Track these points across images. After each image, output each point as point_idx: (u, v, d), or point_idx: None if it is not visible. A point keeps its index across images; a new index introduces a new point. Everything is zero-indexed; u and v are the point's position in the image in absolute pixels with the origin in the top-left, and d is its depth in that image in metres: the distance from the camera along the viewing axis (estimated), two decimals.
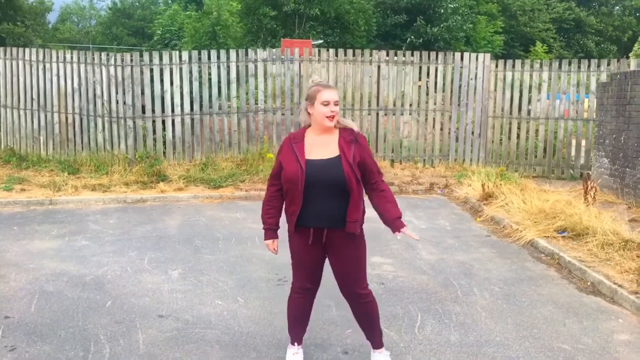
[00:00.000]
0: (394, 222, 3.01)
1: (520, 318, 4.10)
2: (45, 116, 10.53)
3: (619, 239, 5.43)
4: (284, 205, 3.13)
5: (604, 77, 9.98)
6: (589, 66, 10.33)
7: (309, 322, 3.33)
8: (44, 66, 10.47)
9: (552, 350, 3.60)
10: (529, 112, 10.71)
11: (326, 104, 2.97)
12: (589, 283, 4.82)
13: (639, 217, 6.62)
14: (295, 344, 3.32)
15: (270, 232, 3.16)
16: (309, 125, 3.11)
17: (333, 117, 2.98)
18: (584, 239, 5.71)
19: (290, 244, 3.15)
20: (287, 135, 3.18)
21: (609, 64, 10.30)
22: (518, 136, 10.77)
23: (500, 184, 7.83)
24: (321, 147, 3.02)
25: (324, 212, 2.97)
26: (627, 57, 11.48)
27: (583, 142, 10.52)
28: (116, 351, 3.48)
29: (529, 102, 10.70)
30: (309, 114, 3.06)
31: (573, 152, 10.52)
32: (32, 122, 10.64)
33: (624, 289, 4.46)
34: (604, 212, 6.24)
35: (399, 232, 2.99)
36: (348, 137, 3.04)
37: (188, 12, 20.89)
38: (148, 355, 3.43)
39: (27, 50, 10.78)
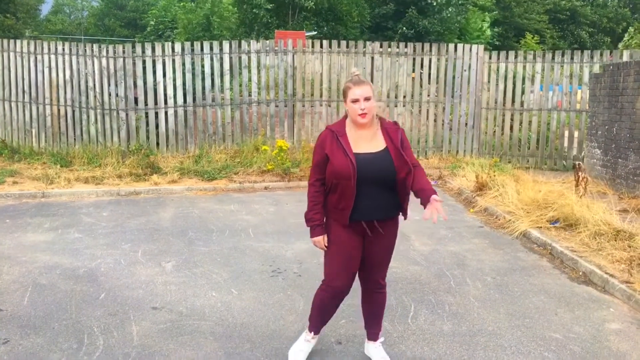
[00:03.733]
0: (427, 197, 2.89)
1: (512, 308, 4.13)
2: (37, 108, 10.45)
3: (611, 229, 5.47)
4: (327, 201, 3.03)
5: (596, 69, 10.00)
6: (582, 57, 10.36)
7: (331, 318, 3.29)
8: (35, 58, 10.38)
9: (544, 339, 3.63)
10: (522, 103, 10.74)
11: (355, 101, 2.92)
12: (580, 273, 4.86)
13: (630, 207, 6.67)
14: (312, 332, 3.28)
15: (320, 228, 3.05)
16: (346, 116, 3.06)
17: (365, 114, 2.91)
18: (576, 229, 5.74)
19: (335, 241, 3.03)
20: (325, 128, 3.09)
21: (601, 55, 10.33)
22: (511, 127, 10.80)
23: (494, 175, 7.86)
24: (365, 140, 2.97)
25: (376, 206, 2.94)
26: (617, 48, 11.55)
27: (576, 134, 10.57)
28: (110, 343, 3.48)
29: (522, 93, 10.72)
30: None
31: (566, 143, 10.57)
32: (24, 115, 10.56)
33: (615, 278, 4.50)
34: (595, 203, 6.28)
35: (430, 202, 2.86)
36: (392, 126, 3.03)
37: (182, 3, 20.72)
38: (142, 347, 3.43)
39: (18, 42, 10.69)
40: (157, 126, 10.27)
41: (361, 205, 2.92)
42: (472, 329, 3.75)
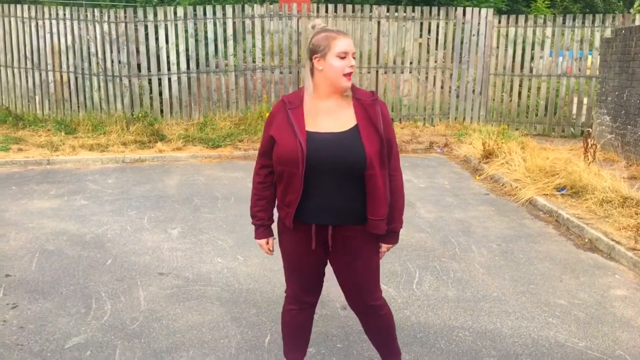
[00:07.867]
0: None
1: (517, 274, 4.13)
2: (40, 75, 10.36)
3: (618, 196, 5.43)
4: (276, 193, 2.39)
5: (608, 33, 9.77)
6: (593, 21, 10.10)
7: (309, 340, 2.65)
8: (37, 23, 10.23)
9: (549, 305, 3.64)
10: (531, 69, 10.54)
11: (343, 56, 2.16)
12: (586, 240, 4.85)
13: (638, 174, 6.61)
14: None
15: (262, 229, 2.43)
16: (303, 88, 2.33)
17: (351, 74, 2.20)
18: (583, 196, 5.71)
19: (282, 243, 2.42)
20: (279, 99, 2.38)
21: (613, 20, 10.07)
22: (519, 94, 10.64)
23: (501, 143, 7.78)
24: (328, 115, 2.22)
25: (332, 205, 2.22)
26: (629, 12, 11.27)
27: (585, 100, 10.40)
28: (117, 307, 3.52)
29: (532, 59, 10.52)
30: (311, 73, 2.24)
31: (574, 110, 10.42)
32: (27, 81, 10.48)
33: (621, 245, 4.49)
34: (603, 170, 6.22)
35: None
36: (368, 99, 2.24)
37: None
38: (149, 312, 3.47)
39: (19, 7, 10.51)
40: (160, 93, 10.18)
41: (310, 202, 2.23)
42: (476, 295, 3.77)
